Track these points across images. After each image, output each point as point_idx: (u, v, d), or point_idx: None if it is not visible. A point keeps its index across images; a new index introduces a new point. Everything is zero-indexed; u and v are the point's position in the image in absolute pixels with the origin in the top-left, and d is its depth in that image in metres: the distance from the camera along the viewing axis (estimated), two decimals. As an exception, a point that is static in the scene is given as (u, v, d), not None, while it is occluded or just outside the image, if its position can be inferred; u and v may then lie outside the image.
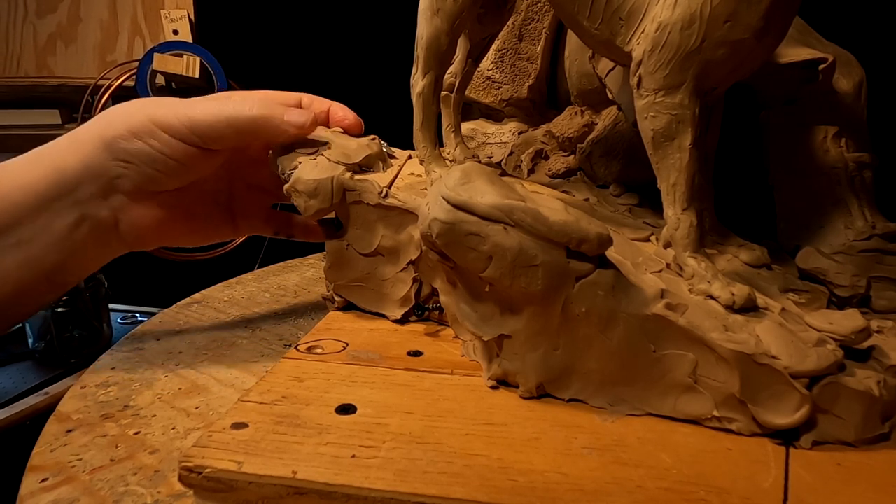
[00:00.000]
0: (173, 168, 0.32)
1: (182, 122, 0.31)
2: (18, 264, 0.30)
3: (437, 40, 0.32)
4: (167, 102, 0.32)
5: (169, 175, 0.32)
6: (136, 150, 0.31)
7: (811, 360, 0.23)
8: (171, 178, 0.32)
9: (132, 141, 0.31)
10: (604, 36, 0.30)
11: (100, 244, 0.33)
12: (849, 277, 0.31)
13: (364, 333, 0.33)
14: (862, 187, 0.34)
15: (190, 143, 0.31)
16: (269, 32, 0.79)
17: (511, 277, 0.25)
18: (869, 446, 0.24)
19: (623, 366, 0.25)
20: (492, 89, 0.47)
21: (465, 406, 0.26)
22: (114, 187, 0.31)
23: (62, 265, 0.32)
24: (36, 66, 0.85)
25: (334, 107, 0.37)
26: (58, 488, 0.24)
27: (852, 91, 0.35)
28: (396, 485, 0.21)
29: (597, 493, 0.21)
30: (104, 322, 0.57)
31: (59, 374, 0.50)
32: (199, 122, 0.31)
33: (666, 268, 0.29)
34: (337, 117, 0.37)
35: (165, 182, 0.32)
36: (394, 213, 0.33)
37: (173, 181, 0.32)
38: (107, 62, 0.84)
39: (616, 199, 0.39)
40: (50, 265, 0.31)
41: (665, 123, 0.28)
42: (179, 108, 0.31)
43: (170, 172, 0.32)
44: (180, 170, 0.32)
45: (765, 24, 0.26)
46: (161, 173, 0.32)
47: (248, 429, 0.24)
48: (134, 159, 0.31)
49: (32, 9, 0.84)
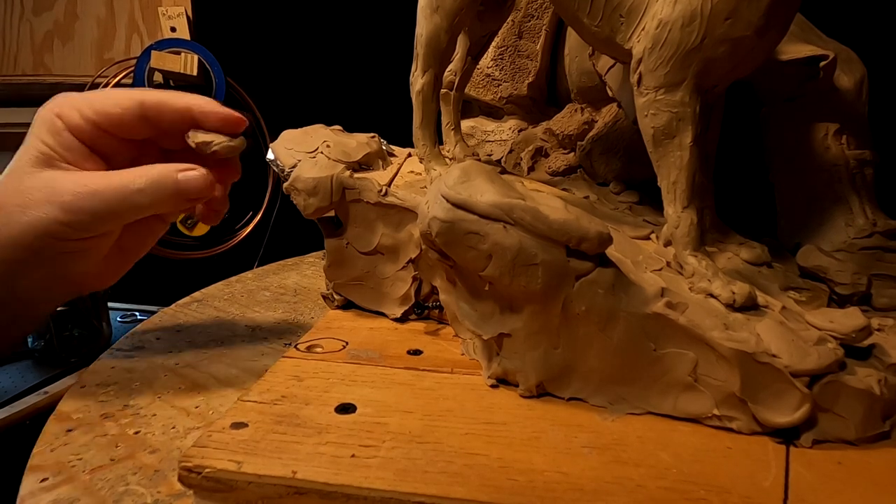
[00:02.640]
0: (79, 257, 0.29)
1: (64, 220, 0.27)
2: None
3: (436, 38, 0.32)
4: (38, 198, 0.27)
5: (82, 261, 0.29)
6: (40, 262, 0.28)
7: (812, 359, 0.23)
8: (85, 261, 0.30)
9: (34, 256, 0.28)
10: (604, 33, 0.30)
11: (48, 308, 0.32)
12: (849, 275, 0.31)
13: (364, 332, 0.33)
14: (863, 185, 0.34)
15: (80, 238, 0.28)
16: (268, 30, 0.79)
17: (511, 276, 0.25)
18: (869, 445, 0.24)
19: (623, 364, 0.25)
20: (491, 87, 0.47)
21: (465, 405, 0.26)
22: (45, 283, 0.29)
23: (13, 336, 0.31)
24: (33, 65, 0.84)
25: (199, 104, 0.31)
26: (58, 488, 0.24)
27: (853, 88, 0.35)
28: (396, 484, 0.21)
29: (597, 493, 0.21)
30: (104, 321, 0.57)
31: (59, 374, 0.50)
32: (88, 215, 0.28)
33: (666, 266, 0.29)
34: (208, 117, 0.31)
35: (83, 266, 0.30)
36: (393, 211, 0.33)
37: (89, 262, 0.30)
38: (104, 60, 0.83)
39: (616, 197, 0.39)
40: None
41: (665, 121, 0.28)
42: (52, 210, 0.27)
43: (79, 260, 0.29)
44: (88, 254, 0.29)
45: (766, 21, 0.25)
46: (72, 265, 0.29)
47: (248, 428, 0.24)
48: (44, 268, 0.28)
49: (29, 6, 0.84)
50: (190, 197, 0.29)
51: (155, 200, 0.28)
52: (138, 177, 0.28)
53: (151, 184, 0.28)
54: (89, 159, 0.30)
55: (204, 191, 0.29)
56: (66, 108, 0.29)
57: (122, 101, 0.30)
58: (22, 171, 0.28)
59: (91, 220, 0.28)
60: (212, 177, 0.30)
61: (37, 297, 0.30)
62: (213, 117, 0.31)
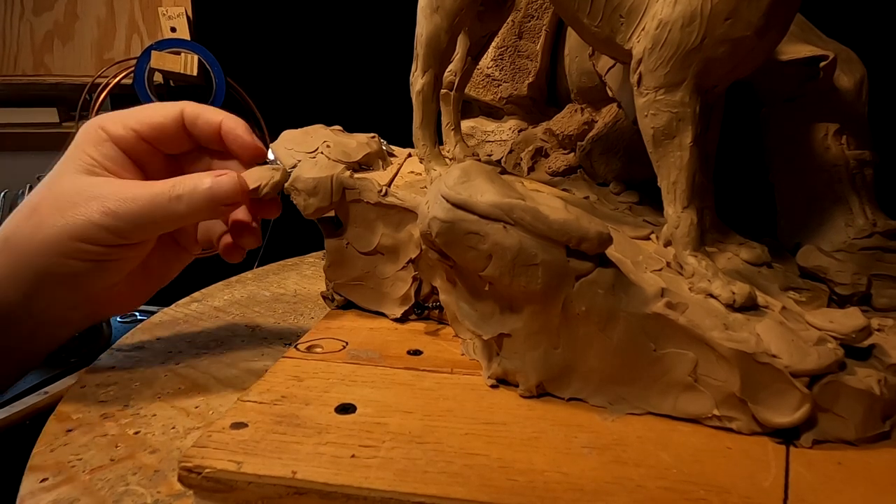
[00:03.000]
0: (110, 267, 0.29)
1: (102, 225, 0.28)
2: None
3: (436, 38, 0.32)
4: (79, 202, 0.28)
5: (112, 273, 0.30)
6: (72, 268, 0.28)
7: (812, 359, 0.23)
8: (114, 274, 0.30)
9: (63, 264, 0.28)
10: (604, 33, 0.30)
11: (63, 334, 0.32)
12: (849, 275, 0.31)
13: (364, 332, 0.33)
14: (863, 185, 0.34)
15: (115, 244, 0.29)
16: (268, 30, 0.79)
17: (511, 276, 0.25)
18: (869, 445, 0.24)
19: (623, 364, 0.25)
20: (491, 87, 0.47)
21: (465, 405, 0.26)
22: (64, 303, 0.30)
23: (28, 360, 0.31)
24: (33, 65, 0.84)
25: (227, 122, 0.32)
26: (58, 488, 0.24)
27: (853, 88, 0.35)
28: (396, 484, 0.21)
29: (597, 493, 0.21)
30: (103, 321, 0.57)
31: (59, 374, 0.50)
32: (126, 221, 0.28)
33: (666, 266, 0.29)
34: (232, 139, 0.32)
35: (110, 279, 0.30)
36: (393, 211, 0.33)
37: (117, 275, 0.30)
38: (104, 60, 0.84)
39: (616, 197, 0.39)
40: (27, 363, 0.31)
41: (665, 121, 0.28)
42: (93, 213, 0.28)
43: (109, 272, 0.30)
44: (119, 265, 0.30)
45: (766, 21, 0.25)
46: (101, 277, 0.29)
47: (248, 429, 0.24)
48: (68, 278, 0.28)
49: (29, 6, 0.84)
50: (222, 202, 0.29)
51: (191, 207, 0.29)
52: (175, 185, 0.29)
53: (188, 191, 0.29)
54: (129, 170, 0.31)
55: (235, 195, 0.30)
56: (110, 121, 0.31)
57: (163, 110, 0.32)
58: (63, 178, 0.29)
59: (128, 226, 0.28)
60: (242, 181, 0.30)
61: (54, 316, 0.30)
62: (234, 141, 0.32)
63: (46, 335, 0.31)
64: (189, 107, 0.32)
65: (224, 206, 0.30)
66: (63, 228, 0.27)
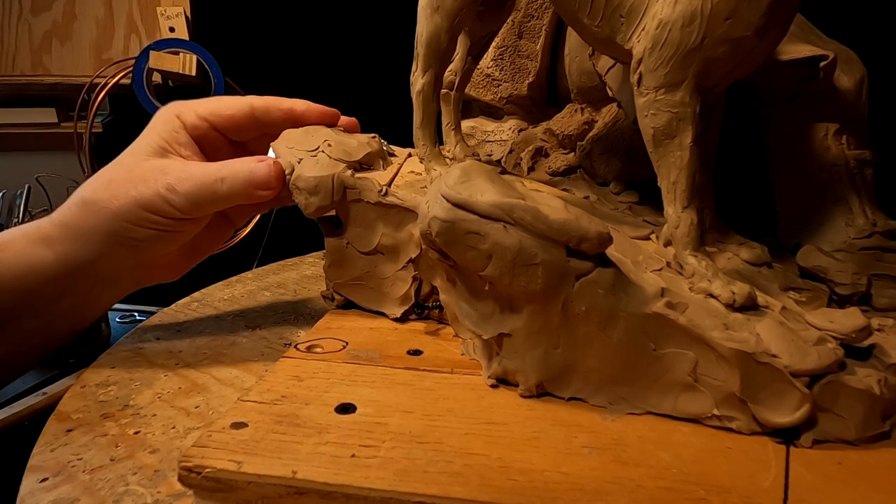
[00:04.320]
0: (170, 237, 0.33)
1: (166, 198, 0.31)
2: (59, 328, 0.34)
3: (436, 38, 0.32)
4: (149, 177, 0.32)
5: (170, 243, 0.33)
6: (138, 235, 0.32)
7: (812, 359, 0.23)
8: (171, 244, 0.34)
9: (131, 230, 0.32)
10: (604, 33, 0.30)
11: (119, 295, 0.35)
12: (849, 275, 0.31)
13: (364, 332, 0.33)
14: (863, 185, 0.34)
15: (175, 217, 0.32)
16: (267, 30, 0.79)
17: (511, 276, 0.25)
18: (869, 445, 0.24)
19: (623, 364, 0.25)
20: (491, 87, 0.47)
21: (465, 405, 0.26)
22: (127, 263, 0.33)
23: (86, 319, 0.35)
24: (31, 65, 0.84)
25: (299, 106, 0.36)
26: (58, 488, 0.24)
27: (853, 88, 0.35)
28: (396, 484, 0.21)
29: (597, 493, 0.21)
30: (103, 321, 0.57)
31: (58, 374, 0.50)
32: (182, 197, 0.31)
33: (666, 266, 0.29)
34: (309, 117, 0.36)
35: (167, 247, 0.34)
36: (393, 211, 0.33)
37: (174, 244, 0.34)
38: (103, 60, 0.83)
39: (616, 197, 0.39)
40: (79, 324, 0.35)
41: (665, 121, 0.28)
42: (160, 187, 0.31)
43: (168, 241, 0.33)
44: (177, 236, 0.33)
45: (766, 21, 0.25)
46: (160, 244, 0.33)
47: (248, 428, 0.24)
48: (135, 242, 0.32)
49: (27, 6, 0.84)
50: (258, 186, 0.32)
51: (231, 190, 0.32)
52: (222, 167, 0.32)
53: (230, 174, 0.32)
54: (196, 154, 0.34)
55: (269, 181, 0.32)
56: (185, 110, 0.35)
57: (233, 105, 0.35)
58: (138, 157, 0.33)
59: (185, 202, 0.31)
60: (278, 167, 0.32)
61: (109, 278, 0.33)
62: (312, 113, 0.36)
63: (101, 296, 0.34)
64: (257, 100, 0.35)
65: (261, 191, 0.32)
66: (135, 199, 0.31)
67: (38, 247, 0.32)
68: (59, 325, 0.34)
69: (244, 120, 0.35)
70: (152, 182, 0.31)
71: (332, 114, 0.36)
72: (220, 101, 0.35)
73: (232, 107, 0.35)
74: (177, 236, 0.33)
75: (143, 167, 0.32)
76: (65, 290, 0.32)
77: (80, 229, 0.32)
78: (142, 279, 0.35)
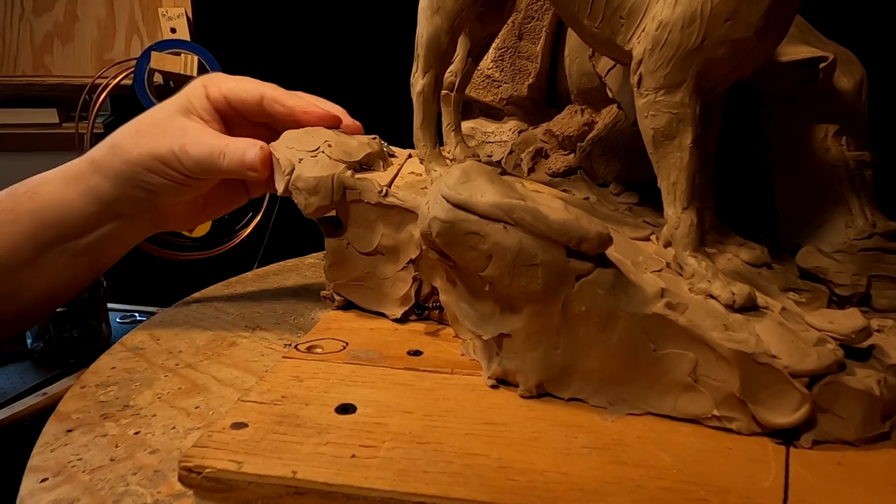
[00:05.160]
0: (181, 189, 0.36)
1: (178, 156, 0.34)
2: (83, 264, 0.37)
3: (437, 39, 0.32)
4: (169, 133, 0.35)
5: (181, 193, 0.36)
6: (152, 182, 0.35)
7: (811, 360, 0.23)
8: (182, 195, 0.36)
9: (147, 176, 0.35)
10: (604, 34, 0.30)
11: (137, 235, 0.39)
12: (849, 276, 0.31)
13: (364, 333, 0.33)
14: (862, 186, 0.34)
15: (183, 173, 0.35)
16: (268, 31, 0.79)
17: (511, 276, 0.25)
18: (869, 445, 0.24)
19: (623, 365, 0.25)
20: (492, 88, 0.47)
21: (465, 405, 0.26)
22: (142, 205, 0.36)
23: (105, 257, 0.38)
24: (33, 65, 0.84)
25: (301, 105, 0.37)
26: (58, 488, 0.24)
27: (853, 89, 0.35)
28: (396, 485, 0.21)
29: (597, 493, 0.21)
30: (103, 322, 0.57)
31: (58, 375, 0.50)
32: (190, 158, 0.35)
33: (666, 267, 0.29)
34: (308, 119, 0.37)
35: (179, 197, 0.37)
36: (394, 211, 0.33)
37: (185, 196, 0.37)
38: (104, 61, 0.83)
39: (616, 198, 0.39)
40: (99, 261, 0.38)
41: (665, 122, 0.28)
42: (174, 144, 0.35)
43: (179, 192, 0.36)
44: (187, 190, 0.36)
45: (766, 22, 0.25)
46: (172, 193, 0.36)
47: (248, 429, 0.24)
48: (150, 187, 0.35)
49: (29, 7, 0.84)
50: (249, 168, 0.34)
51: (229, 166, 0.34)
52: (226, 144, 0.35)
53: (231, 151, 0.34)
54: (216, 122, 0.37)
55: (255, 164, 0.34)
56: (211, 83, 0.37)
57: (248, 89, 0.37)
58: (167, 114, 0.36)
59: (191, 164, 0.34)
60: (265, 153, 0.34)
61: (127, 214, 0.36)
62: (311, 117, 0.37)
63: (118, 234, 0.37)
64: (268, 91, 0.37)
65: (250, 172, 0.34)
66: (153, 150, 0.34)
67: (71, 184, 0.35)
68: (83, 262, 0.37)
69: (254, 107, 0.37)
70: (171, 138, 0.35)
71: (332, 119, 0.37)
72: (240, 83, 0.37)
73: (246, 90, 0.37)
74: (187, 189, 0.36)
75: (167, 123, 0.36)
76: (89, 224, 0.36)
77: (105, 168, 0.35)
78: (158, 221, 0.38)
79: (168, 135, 0.35)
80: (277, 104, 0.37)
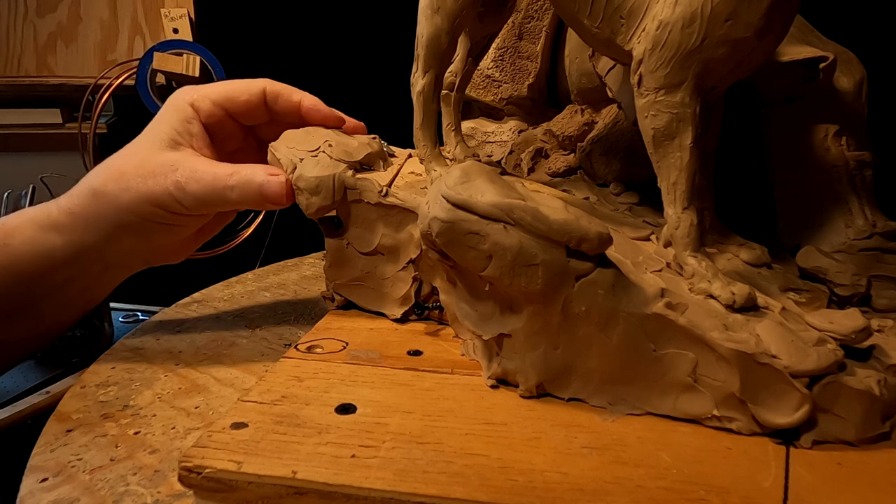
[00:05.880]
0: (178, 230, 0.34)
1: (175, 196, 0.32)
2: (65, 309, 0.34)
3: (437, 39, 0.32)
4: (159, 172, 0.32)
5: (178, 234, 0.34)
6: (146, 228, 0.33)
7: (811, 360, 0.23)
8: (179, 234, 0.34)
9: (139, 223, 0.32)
10: (604, 34, 0.30)
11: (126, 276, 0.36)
12: (849, 276, 0.31)
13: (364, 333, 0.33)
14: (862, 186, 0.34)
15: (182, 213, 0.33)
16: (270, 31, 0.79)
17: (511, 276, 0.25)
18: (869, 446, 0.24)
19: (623, 365, 0.25)
20: (492, 88, 0.47)
21: (465, 405, 0.26)
22: (134, 251, 0.34)
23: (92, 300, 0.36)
24: (36, 66, 0.85)
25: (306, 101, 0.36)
26: (58, 488, 0.24)
27: (853, 89, 0.35)
28: (396, 484, 0.21)
29: (597, 493, 0.21)
30: (105, 321, 0.57)
31: (61, 374, 0.50)
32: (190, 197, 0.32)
33: (666, 267, 0.29)
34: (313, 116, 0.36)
35: (175, 237, 0.35)
36: (394, 211, 0.33)
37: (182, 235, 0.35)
38: (107, 61, 0.84)
39: (616, 198, 0.39)
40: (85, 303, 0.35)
41: (666, 122, 0.28)
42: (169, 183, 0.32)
43: (176, 233, 0.34)
44: (185, 229, 0.34)
45: (766, 22, 0.25)
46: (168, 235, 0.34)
47: (248, 429, 0.24)
48: (145, 233, 0.33)
49: (32, 8, 0.84)
50: (270, 200, 0.32)
51: (241, 198, 0.32)
52: (233, 174, 0.32)
53: (241, 183, 0.32)
54: (207, 144, 0.35)
55: (281, 198, 0.32)
56: (199, 97, 0.34)
57: (243, 89, 0.35)
58: (149, 149, 0.33)
59: (192, 201, 0.32)
60: (289, 185, 0.33)
61: (118, 262, 0.34)
62: (314, 116, 0.35)
63: (110, 278, 0.35)
64: (270, 85, 0.35)
65: (271, 204, 0.33)
66: (145, 194, 0.32)
67: (47, 233, 0.32)
68: (71, 306, 0.35)
69: (258, 105, 0.35)
70: (162, 178, 0.32)
71: (336, 118, 0.36)
72: (234, 86, 0.35)
73: (247, 91, 0.35)
74: (182, 229, 0.34)
75: (154, 161, 0.32)
76: (74, 275, 0.33)
77: (88, 218, 0.32)
78: (150, 260, 0.36)
79: (158, 174, 0.32)
80: (282, 99, 0.35)
